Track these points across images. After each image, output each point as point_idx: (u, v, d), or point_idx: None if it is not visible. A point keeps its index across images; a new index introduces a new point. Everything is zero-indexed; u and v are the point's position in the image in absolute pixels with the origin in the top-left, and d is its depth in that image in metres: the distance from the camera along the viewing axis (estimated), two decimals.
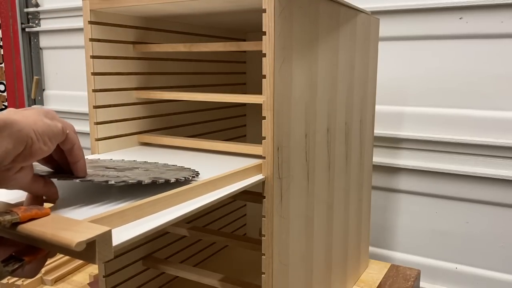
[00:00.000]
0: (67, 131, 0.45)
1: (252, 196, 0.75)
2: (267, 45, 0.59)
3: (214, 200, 0.53)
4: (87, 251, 0.35)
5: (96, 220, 0.41)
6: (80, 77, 1.77)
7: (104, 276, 0.75)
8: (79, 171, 0.48)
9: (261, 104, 0.61)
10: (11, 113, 0.40)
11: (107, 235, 0.37)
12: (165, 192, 0.50)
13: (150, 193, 0.50)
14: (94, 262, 0.36)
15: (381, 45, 0.99)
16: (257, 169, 0.63)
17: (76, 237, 0.35)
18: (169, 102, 0.87)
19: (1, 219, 0.37)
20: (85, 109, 1.75)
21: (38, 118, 0.42)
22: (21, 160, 0.40)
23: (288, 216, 0.66)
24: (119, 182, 0.48)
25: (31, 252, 0.40)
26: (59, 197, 0.48)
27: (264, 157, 0.62)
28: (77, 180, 0.48)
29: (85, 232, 0.36)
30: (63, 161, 0.49)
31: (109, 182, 0.48)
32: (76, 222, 0.38)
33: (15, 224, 0.38)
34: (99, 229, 0.37)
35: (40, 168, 0.50)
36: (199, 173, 0.59)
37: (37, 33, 1.90)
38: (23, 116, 0.41)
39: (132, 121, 0.79)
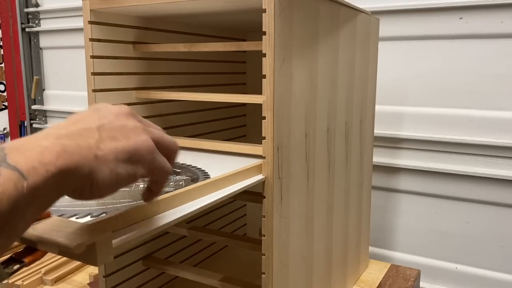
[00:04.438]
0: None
1: (252, 196, 0.75)
2: (267, 45, 0.59)
3: (215, 201, 0.53)
4: (88, 253, 0.35)
5: (97, 222, 0.41)
6: (80, 77, 1.77)
7: (104, 276, 0.75)
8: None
9: (261, 104, 0.61)
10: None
11: (107, 237, 0.37)
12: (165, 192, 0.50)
13: None
14: (94, 264, 0.36)
15: (381, 45, 0.99)
16: (257, 169, 0.63)
17: (76, 239, 0.35)
18: (169, 102, 0.87)
19: None
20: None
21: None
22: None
23: (288, 216, 0.66)
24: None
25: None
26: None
27: (264, 157, 0.62)
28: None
29: (85, 234, 0.36)
30: None
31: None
32: (76, 224, 0.38)
33: None
34: (100, 231, 0.37)
35: None
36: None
37: (37, 33, 1.90)
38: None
39: None
